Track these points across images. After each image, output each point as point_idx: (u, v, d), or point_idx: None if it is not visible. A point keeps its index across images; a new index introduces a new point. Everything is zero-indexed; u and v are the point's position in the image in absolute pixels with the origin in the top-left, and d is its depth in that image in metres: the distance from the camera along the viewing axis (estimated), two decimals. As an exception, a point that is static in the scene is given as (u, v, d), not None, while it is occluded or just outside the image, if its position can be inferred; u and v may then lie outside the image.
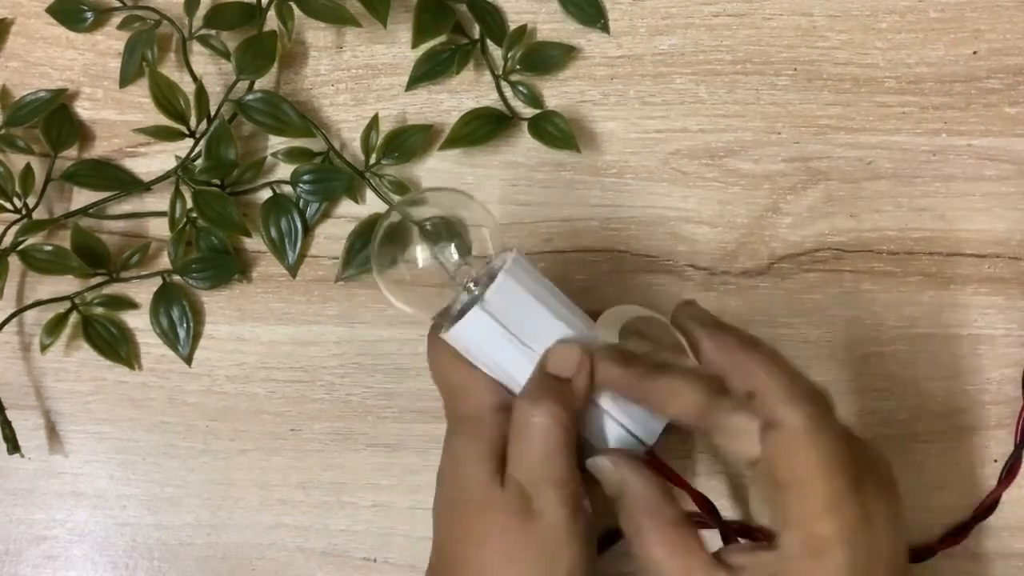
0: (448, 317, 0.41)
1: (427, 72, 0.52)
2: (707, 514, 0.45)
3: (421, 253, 0.41)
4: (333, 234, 0.52)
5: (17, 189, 0.52)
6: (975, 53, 0.51)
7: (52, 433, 0.53)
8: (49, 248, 0.50)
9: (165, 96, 0.51)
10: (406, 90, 0.52)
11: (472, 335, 0.40)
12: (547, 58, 0.52)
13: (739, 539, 0.46)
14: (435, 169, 0.52)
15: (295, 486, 0.51)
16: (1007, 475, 0.48)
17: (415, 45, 0.51)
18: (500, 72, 0.52)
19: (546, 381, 0.39)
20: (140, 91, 0.53)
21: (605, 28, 0.52)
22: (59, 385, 0.53)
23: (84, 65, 0.54)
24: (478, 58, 0.52)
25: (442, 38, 0.52)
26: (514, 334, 0.39)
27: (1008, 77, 0.50)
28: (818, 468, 0.34)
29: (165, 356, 0.52)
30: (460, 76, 0.52)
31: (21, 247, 0.51)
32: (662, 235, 0.51)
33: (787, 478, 0.34)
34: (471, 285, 0.41)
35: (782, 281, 0.50)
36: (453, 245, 0.41)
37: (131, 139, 0.53)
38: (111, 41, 0.54)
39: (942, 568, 0.48)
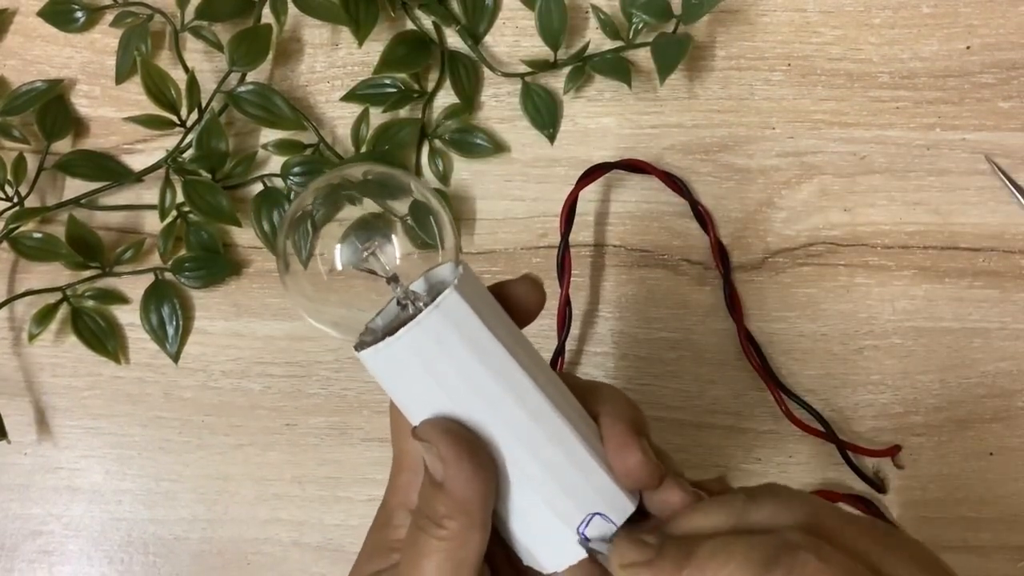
0: (368, 333, 0.33)
1: (364, 96, 0.52)
2: None
3: (351, 247, 0.32)
4: (328, 229, 0.52)
5: (9, 177, 0.52)
6: (968, 48, 0.51)
7: (48, 428, 0.53)
8: (39, 236, 0.51)
9: (156, 85, 0.51)
10: (341, 99, 0.52)
11: (420, 353, 0.30)
12: (472, 146, 0.52)
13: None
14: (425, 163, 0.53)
15: (290, 481, 0.51)
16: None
17: (376, 72, 0.51)
18: (430, 132, 0.52)
19: None
20: (137, 88, 0.53)
21: (550, 138, 0.52)
22: (55, 380, 0.53)
23: (82, 63, 0.55)
24: (416, 106, 0.52)
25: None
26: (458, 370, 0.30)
27: (1001, 72, 0.51)
28: None
29: (161, 351, 0.52)
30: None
31: (12, 234, 0.51)
32: (657, 230, 0.51)
33: None
34: (407, 299, 0.32)
35: (776, 275, 0.50)
36: (394, 241, 0.32)
37: (128, 136, 0.54)
38: (108, 39, 0.54)
39: (938, 562, 0.48)
